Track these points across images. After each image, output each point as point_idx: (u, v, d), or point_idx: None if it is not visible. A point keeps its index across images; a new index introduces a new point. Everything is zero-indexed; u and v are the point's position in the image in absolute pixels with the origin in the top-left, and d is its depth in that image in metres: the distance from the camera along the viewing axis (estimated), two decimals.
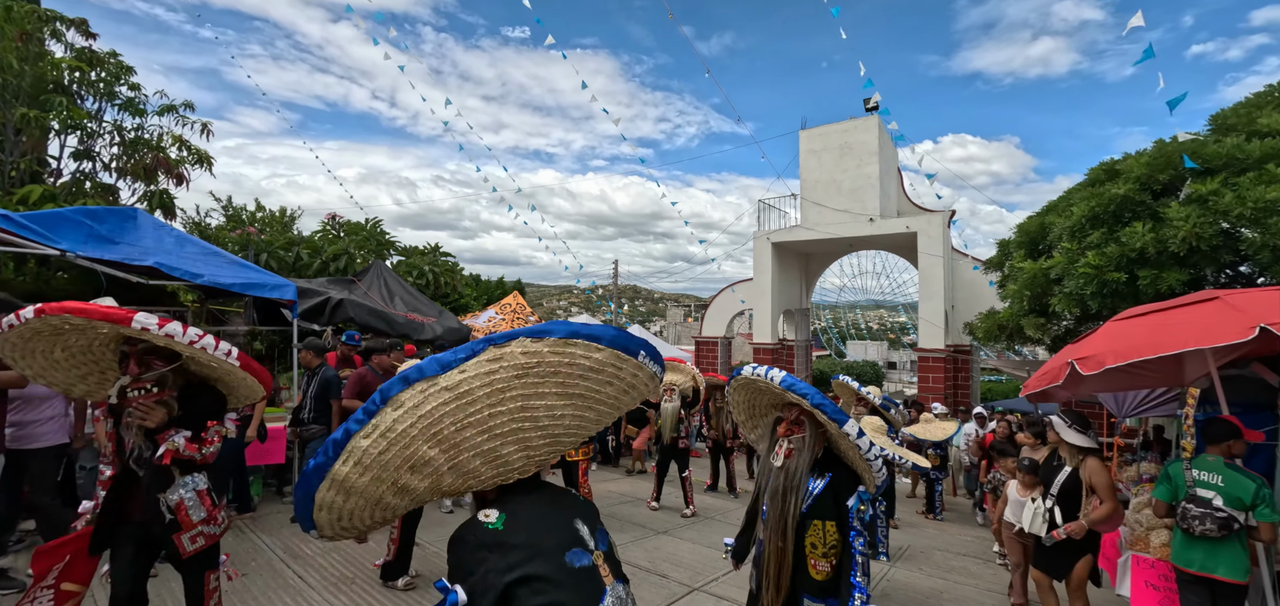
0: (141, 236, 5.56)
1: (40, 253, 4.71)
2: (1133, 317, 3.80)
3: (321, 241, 9.29)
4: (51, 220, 4.84)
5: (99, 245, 5.07)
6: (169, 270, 5.17)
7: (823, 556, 2.31)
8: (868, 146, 16.95)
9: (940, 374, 14.67)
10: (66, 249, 4.68)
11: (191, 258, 5.65)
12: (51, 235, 4.73)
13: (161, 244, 5.65)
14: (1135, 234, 8.14)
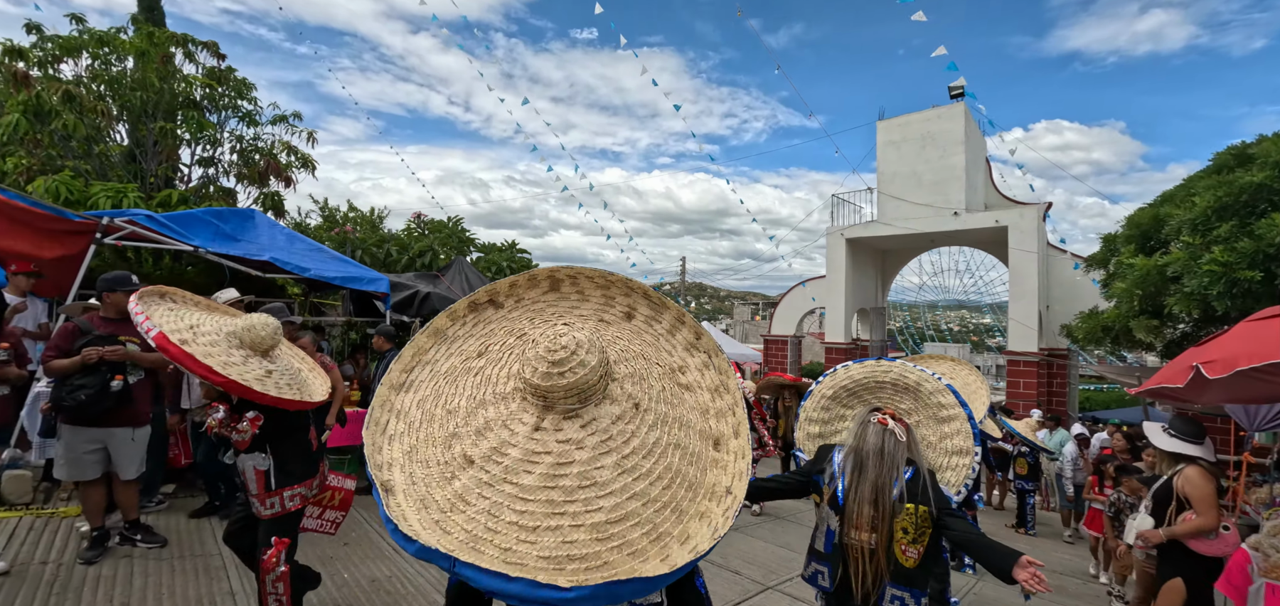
0: (258, 234, 6.17)
1: (177, 248, 5.33)
2: (1272, 318, 3.39)
3: (408, 238, 9.92)
4: (186, 220, 5.46)
5: (224, 242, 5.66)
6: (282, 264, 5.70)
7: (913, 542, 2.24)
8: (953, 135, 15.99)
9: (1033, 380, 13.62)
10: (199, 245, 5.27)
11: (300, 254, 6.20)
12: (186, 233, 5.34)
13: (275, 241, 6.24)
14: (1273, 226, 7.24)
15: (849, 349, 17.59)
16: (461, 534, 1.12)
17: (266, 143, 8.47)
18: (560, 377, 1.27)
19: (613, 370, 1.37)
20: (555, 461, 1.21)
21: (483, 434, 1.28)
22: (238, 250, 5.61)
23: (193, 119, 7.61)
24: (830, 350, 17.92)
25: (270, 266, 5.80)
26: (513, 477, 1.19)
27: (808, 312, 20.84)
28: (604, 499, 1.17)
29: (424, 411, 1.39)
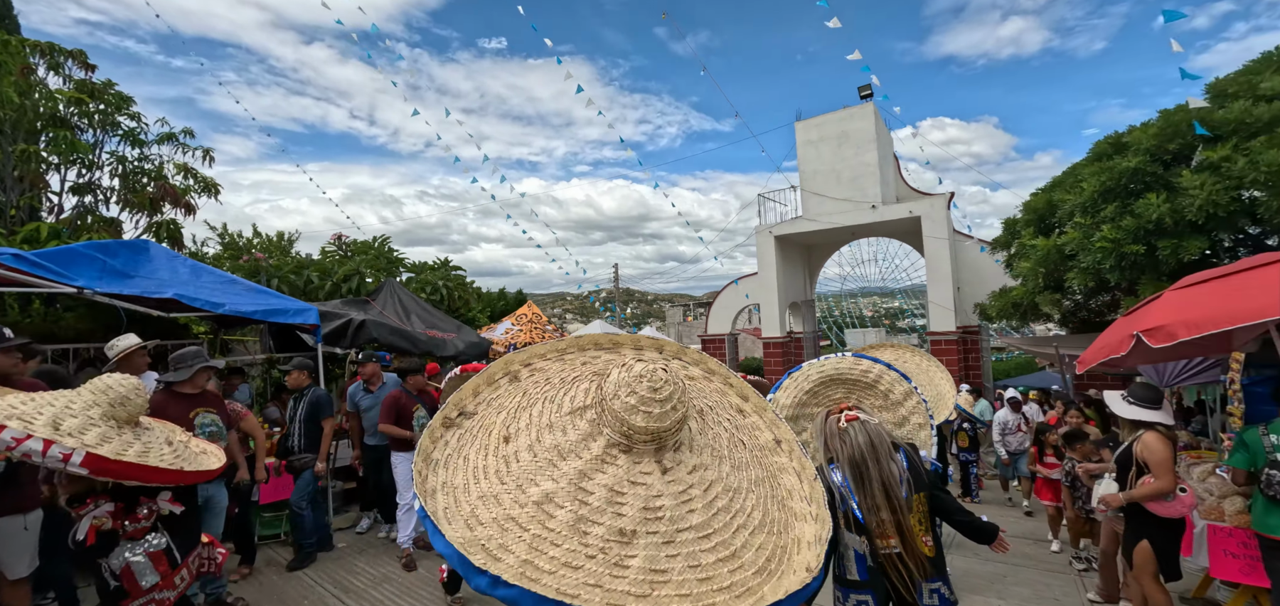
0: (156, 268, 5.41)
1: (54, 291, 4.55)
2: (1193, 286, 3.74)
3: (330, 263, 9.13)
4: (64, 257, 4.68)
5: (114, 280, 4.91)
6: (189, 301, 5.01)
7: (926, 530, 2.23)
8: (865, 134, 16.96)
9: (953, 355, 14.67)
10: (83, 286, 4.53)
11: (210, 287, 5.49)
12: (66, 272, 4.57)
13: (177, 275, 5.50)
14: (1150, 205, 8.15)
15: (785, 342, 18.17)
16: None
17: (154, 164, 7.47)
18: (672, 412, 1.16)
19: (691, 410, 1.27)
20: (704, 500, 1.16)
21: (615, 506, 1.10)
22: (133, 288, 4.88)
23: (63, 139, 6.54)
24: (768, 345, 18.44)
25: (175, 304, 5.09)
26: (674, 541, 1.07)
27: (741, 310, 21.38)
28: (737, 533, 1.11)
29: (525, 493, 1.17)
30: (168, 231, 7.32)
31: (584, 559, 1.00)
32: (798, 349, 19.35)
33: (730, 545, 1.11)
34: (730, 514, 1.16)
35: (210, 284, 5.60)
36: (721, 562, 1.08)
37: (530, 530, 1.01)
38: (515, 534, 1.00)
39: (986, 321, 14.12)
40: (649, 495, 1.13)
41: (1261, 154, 7.39)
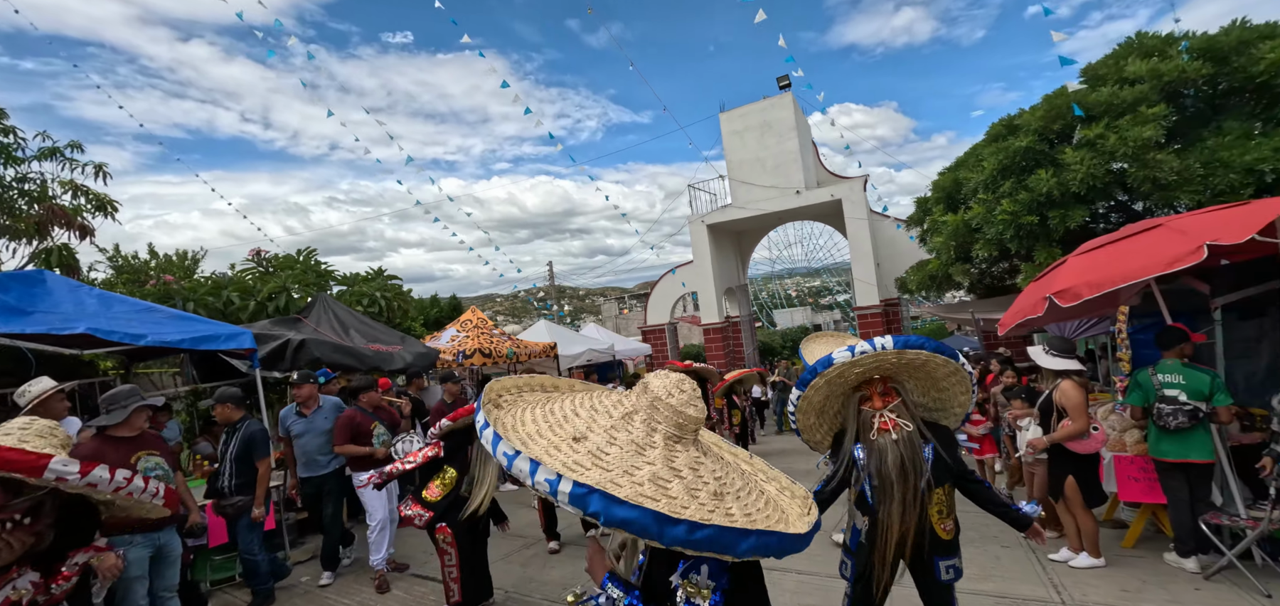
0: (58, 301, 4.86)
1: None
2: (1090, 252, 4.29)
3: (252, 281, 8.48)
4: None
5: (12, 318, 4.39)
6: (104, 335, 4.54)
7: (948, 516, 2.38)
8: (786, 122, 17.73)
9: (879, 327, 15.71)
10: None
11: (125, 318, 5.00)
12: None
13: (84, 306, 4.96)
14: (1041, 180, 9.11)
15: (723, 327, 18.73)
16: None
17: (36, 183, 6.62)
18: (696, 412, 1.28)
19: None
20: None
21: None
22: (37, 325, 4.38)
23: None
24: (707, 331, 18.92)
25: (90, 339, 4.61)
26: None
27: (678, 299, 21.80)
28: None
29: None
30: (58, 258, 6.52)
31: (710, 512, 1.15)
32: (735, 332, 20.01)
33: (757, 495, 1.30)
34: (742, 479, 1.35)
35: (125, 314, 5.10)
36: (759, 504, 1.27)
37: (661, 500, 1.10)
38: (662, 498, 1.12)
39: (906, 293, 15.23)
40: (708, 469, 1.27)
41: (1128, 131, 8.45)
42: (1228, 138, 8.48)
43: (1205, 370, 3.71)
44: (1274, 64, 8.28)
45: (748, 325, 20.67)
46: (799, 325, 49.79)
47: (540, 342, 10.42)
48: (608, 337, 14.09)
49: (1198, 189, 8.26)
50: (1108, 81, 9.57)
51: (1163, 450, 3.71)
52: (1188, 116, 9.27)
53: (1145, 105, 8.76)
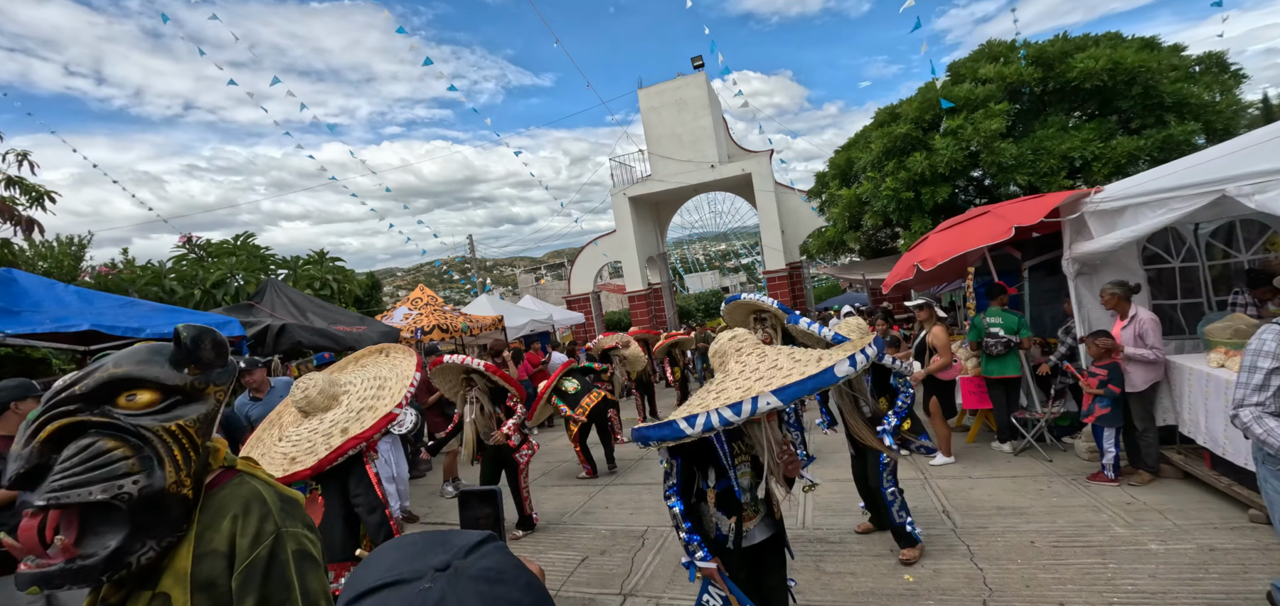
0: (40, 299, 4.94)
1: None
2: (944, 230, 5.77)
3: (193, 270, 8.33)
4: None
5: (11, 319, 4.53)
6: (108, 331, 4.77)
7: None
8: (700, 100, 18.94)
9: (785, 288, 17.63)
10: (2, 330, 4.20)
11: (113, 313, 5.19)
12: None
13: (66, 303, 5.09)
14: (916, 162, 10.95)
15: (646, 294, 19.94)
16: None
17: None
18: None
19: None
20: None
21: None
22: (41, 325, 4.55)
23: None
24: (632, 298, 20.04)
25: (93, 336, 4.81)
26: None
27: (600, 268, 22.70)
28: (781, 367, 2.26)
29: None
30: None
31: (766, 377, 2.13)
32: (657, 298, 21.32)
33: (780, 367, 2.29)
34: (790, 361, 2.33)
35: (111, 309, 5.27)
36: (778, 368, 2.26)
37: (757, 381, 2.09)
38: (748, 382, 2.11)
39: (808, 257, 17.20)
40: (774, 355, 2.25)
41: (980, 123, 10.41)
42: (1051, 129, 10.69)
43: (1016, 313, 5.30)
44: (1083, 71, 10.50)
45: (668, 291, 22.05)
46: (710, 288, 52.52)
47: (489, 316, 11.00)
48: (546, 309, 14.81)
49: (1028, 171, 10.40)
50: (966, 79, 11.57)
51: (989, 370, 5.29)
52: (1023, 111, 11.46)
53: (993, 102, 10.79)
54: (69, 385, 1.10)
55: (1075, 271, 5.06)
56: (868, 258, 14.62)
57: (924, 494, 4.58)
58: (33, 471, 1.09)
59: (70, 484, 1.06)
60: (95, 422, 1.10)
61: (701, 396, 2.22)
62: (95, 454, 1.09)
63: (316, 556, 1.29)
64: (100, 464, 1.10)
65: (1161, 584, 2.94)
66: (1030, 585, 3.06)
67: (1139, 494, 4.07)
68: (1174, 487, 4.12)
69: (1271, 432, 2.19)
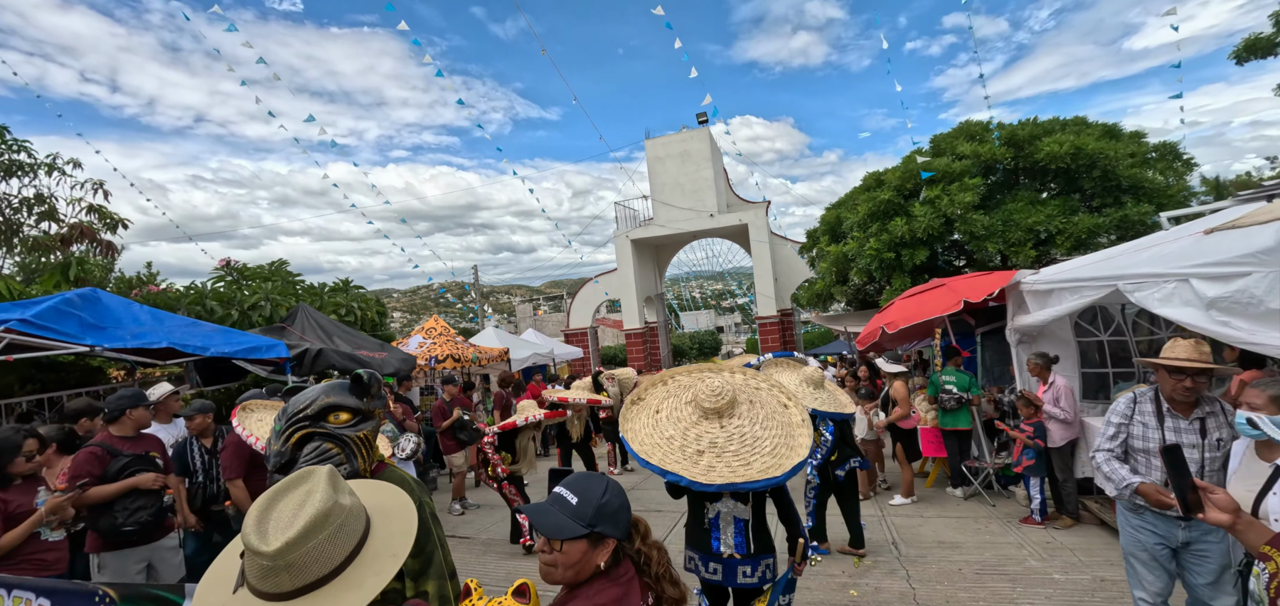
0: (120, 317, 5.66)
1: (66, 352, 4.88)
2: (909, 297, 6.61)
3: (231, 292, 9.07)
4: (52, 314, 4.91)
5: (101, 334, 5.24)
6: (182, 348, 5.49)
7: None
8: (702, 153, 20.07)
9: (776, 333, 18.44)
10: (93, 343, 4.92)
11: (182, 332, 5.92)
12: (63, 329, 4.90)
13: (140, 321, 5.81)
14: (897, 226, 11.90)
15: (643, 332, 20.71)
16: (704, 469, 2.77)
17: (44, 202, 6.99)
18: (721, 400, 3.00)
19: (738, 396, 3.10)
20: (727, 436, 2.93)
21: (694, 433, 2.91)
22: (128, 340, 5.27)
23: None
24: (629, 336, 20.80)
25: (170, 351, 5.54)
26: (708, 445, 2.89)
27: (599, 304, 23.52)
28: (753, 449, 2.94)
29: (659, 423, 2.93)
30: (78, 270, 6.88)
31: (690, 460, 2.78)
32: (653, 336, 22.09)
33: (750, 456, 2.97)
34: (753, 443, 2.99)
35: (179, 328, 6.00)
36: (744, 456, 2.94)
37: (671, 456, 2.75)
38: (671, 454, 2.76)
39: (798, 306, 18.06)
40: (717, 434, 2.96)
41: (956, 195, 11.39)
42: (1020, 203, 11.68)
43: (968, 374, 6.09)
44: (1049, 155, 11.54)
45: (664, 330, 22.84)
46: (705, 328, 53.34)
47: (495, 347, 11.73)
48: (548, 343, 15.54)
49: (999, 240, 11.34)
50: (945, 154, 12.62)
51: (944, 422, 6.05)
52: (995, 185, 12.49)
53: (968, 176, 11.81)
54: (301, 409, 1.86)
55: (1016, 339, 5.88)
56: (855, 309, 15.48)
57: (880, 528, 5.29)
58: (286, 465, 1.85)
59: (312, 464, 1.82)
60: (318, 432, 1.86)
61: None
62: (321, 451, 1.85)
63: (438, 518, 2.04)
64: (324, 457, 1.86)
65: (1054, 605, 3.66)
66: (950, 601, 3.77)
67: (1058, 535, 4.80)
68: (1089, 531, 4.85)
69: (1114, 472, 2.93)
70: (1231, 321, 3.34)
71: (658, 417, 2.76)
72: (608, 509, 1.31)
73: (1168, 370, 2.58)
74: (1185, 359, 2.52)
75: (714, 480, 2.40)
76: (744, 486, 2.38)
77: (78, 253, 6.85)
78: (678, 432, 2.59)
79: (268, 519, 1.08)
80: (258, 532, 1.05)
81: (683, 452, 2.54)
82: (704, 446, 2.51)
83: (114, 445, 3.67)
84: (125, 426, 3.76)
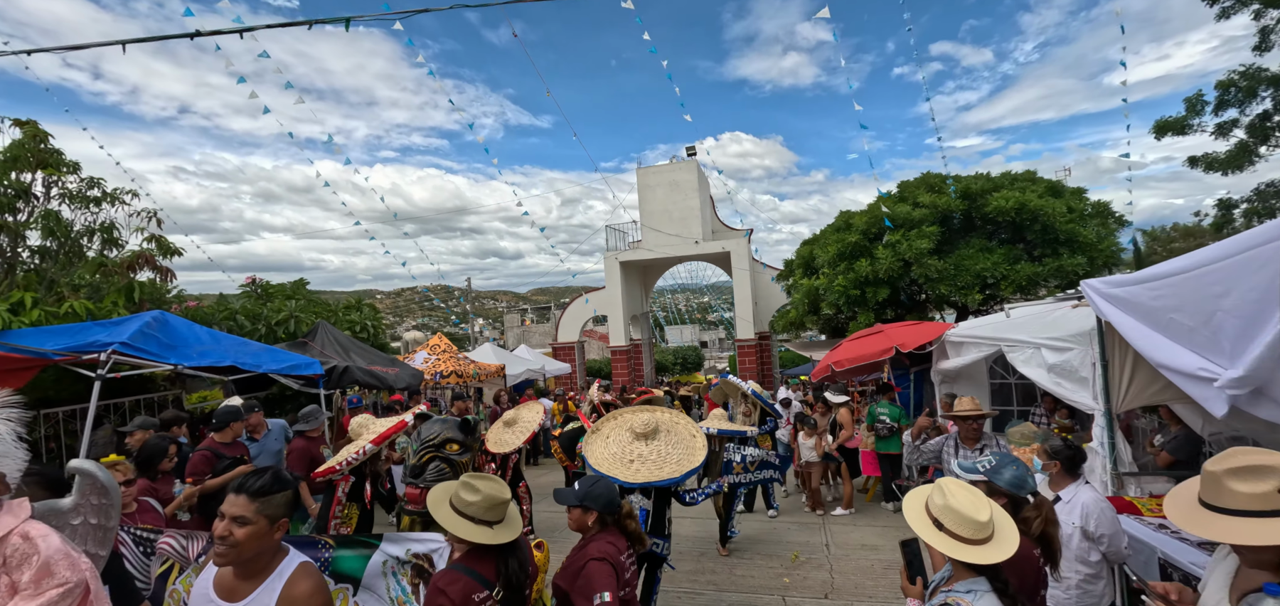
0: (184, 337, 6.64)
1: (153, 370, 5.86)
2: (857, 338, 7.83)
3: (257, 307, 10.00)
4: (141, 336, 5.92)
5: (174, 353, 6.23)
6: (243, 365, 6.50)
7: None
8: (690, 184, 21.34)
9: (753, 356, 19.66)
10: (176, 362, 5.91)
11: (236, 350, 6.91)
12: (146, 349, 5.89)
13: (202, 341, 6.80)
14: (862, 267, 13.21)
15: (628, 349, 21.82)
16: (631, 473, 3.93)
17: (105, 229, 7.92)
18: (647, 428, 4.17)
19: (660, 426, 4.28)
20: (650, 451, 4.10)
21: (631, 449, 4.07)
22: (198, 360, 6.25)
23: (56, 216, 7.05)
24: (615, 352, 21.89)
25: (232, 368, 6.52)
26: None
27: (587, 320, 24.57)
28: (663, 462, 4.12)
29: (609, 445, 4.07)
30: (143, 293, 7.69)
31: (624, 467, 3.92)
32: (638, 353, 23.20)
33: (663, 463, 4.12)
34: (663, 457, 4.16)
35: (234, 348, 6.98)
36: (657, 464, 4.11)
37: (613, 467, 3.87)
38: (614, 466, 3.88)
39: (774, 332, 19.32)
40: (643, 450, 4.10)
41: (914, 241, 12.71)
42: (970, 251, 13.03)
43: (899, 407, 7.31)
44: (997, 209, 12.91)
45: (648, 347, 23.97)
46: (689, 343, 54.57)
47: (492, 364, 12.76)
48: (540, 360, 16.59)
49: (950, 285, 12.67)
50: (908, 201, 13.97)
51: (878, 446, 7.24)
52: (950, 233, 13.84)
53: (925, 224, 13.14)
54: (430, 439, 2.97)
55: (940, 379, 7.11)
56: (829, 336, 16.76)
57: (819, 532, 6.45)
58: (418, 474, 2.97)
59: (431, 478, 2.93)
60: (438, 455, 2.97)
61: None
62: (439, 469, 2.96)
63: None
64: (441, 473, 2.97)
65: None
66: (857, 588, 4.92)
67: None
68: None
69: (917, 451, 4.12)
70: (1062, 383, 4.57)
71: (607, 442, 3.94)
72: (592, 494, 2.44)
73: (958, 417, 3.79)
74: (969, 410, 3.72)
75: (637, 479, 3.58)
76: (656, 483, 3.58)
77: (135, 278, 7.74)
78: (620, 449, 3.77)
79: None
80: None
81: (618, 461, 3.74)
82: (634, 457, 3.71)
83: (218, 449, 4.70)
84: (226, 435, 4.79)
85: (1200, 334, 2.15)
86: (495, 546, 1.98)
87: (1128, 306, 2.79)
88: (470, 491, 1.97)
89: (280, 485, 1.82)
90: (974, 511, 1.73)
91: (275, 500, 1.79)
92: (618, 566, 2.29)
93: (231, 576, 1.78)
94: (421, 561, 2.44)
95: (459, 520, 1.97)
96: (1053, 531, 2.09)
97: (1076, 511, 2.93)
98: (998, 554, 1.69)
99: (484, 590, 1.91)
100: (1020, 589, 1.81)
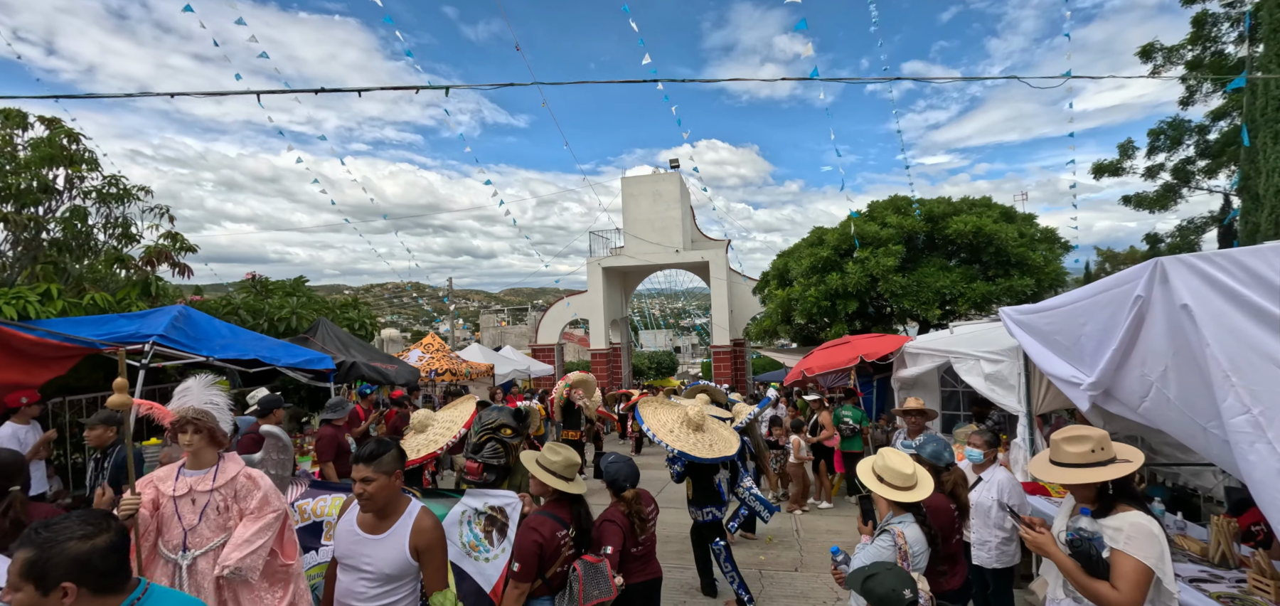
0: (205, 332, 7.06)
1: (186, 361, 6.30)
2: (827, 348, 8.68)
3: (258, 303, 10.32)
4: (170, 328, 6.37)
5: (202, 347, 6.67)
6: (264, 359, 6.97)
7: None
8: (672, 194, 22.14)
9: (728, 362, 20.53)
10: (207, 355, 6.36)
11: (255, 344, 7.35)
12: (178, 340, 6.33)
13: (222, 335, 7.23)
14: (833, 280, 14.17)
15: (608, 352, 22.46)
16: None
17: (117, 222, 8.21)
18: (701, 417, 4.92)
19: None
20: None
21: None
22: (225, 353, 6.70)
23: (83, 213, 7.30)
24: (595, 355, 22.51)
25: (254, 361, 6.97)
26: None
27: (566, 323, 25.14)
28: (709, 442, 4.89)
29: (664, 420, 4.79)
30: (158, 289, 8.00)
31: (695, 442, 4.73)
32: (617, 356, 23.87)
33: (711, 439, 4.91)
34: (709, 438, 4.96)
35: (252, 342, 7.43)
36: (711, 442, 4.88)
37: (683, 438, 4.68)
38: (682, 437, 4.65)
39: (748, 339, 20.24)
40: (697, 440, 4.87)
41: (881, 259, 13.73)
42: (931, 269, 14.11)
43: (861, 410, 8.18)
44: (956, 231, 14.03)
45: (626, 351, 24.65)
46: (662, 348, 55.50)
47: (482, 363, 13.28)
48: (526, 361, 17.13)
49: (913, 300, 13.71)
50: (877, 220, 15.01)
51: (844, 446, 8.09)
52: (914, 252, 14.93)
53: (892, 243, 14.18)
54: (489, 424, 3.61)
55: (899, 386, 8.00)
56: (800, 344, 17.72)
57: (789, 520, 7.25)
58: (477, 450, 3.62)
59: (488, 456, 3.59)
60: (493, 438, 3.62)
61: None
62: (494, 451, 3.61)
63: None
64: (498, 452, 3.63)
65: None
66: (823, 562, 5.71)
67: None
68: None
69: None
70: (995, 390, 5.44)
71: (671, 432, 4.67)
72: (608, 473, 3.12)
73: (906, 412, 4.63)
74: (915, 407, 4.57)
75: (713, 455, 4.35)
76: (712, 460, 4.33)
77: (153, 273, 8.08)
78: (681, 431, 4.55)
79: None
80: None
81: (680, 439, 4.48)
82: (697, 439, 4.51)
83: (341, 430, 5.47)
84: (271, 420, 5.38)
85: (1072, 350, 2.96)
86: (571, 496, 2.66)
87: (1030, 329, 3.62)
88: (554, 453, 2.65)
89: (383, 448, 2.43)
90: (902, 466, 2.49)
91: (384, 460, 2.40)
92: (623, 529, 2.97)
93: (372, 519, 2.41)
94: (496, 512, 3.06)
95: (547, 474, 2.64)
96: (961, 491, 2.87)
97: (994, 488, 3.75)
98: (919, 495, 2.45)
99: (563, 530, 2.58)
100: (938, 529, 2.57)
